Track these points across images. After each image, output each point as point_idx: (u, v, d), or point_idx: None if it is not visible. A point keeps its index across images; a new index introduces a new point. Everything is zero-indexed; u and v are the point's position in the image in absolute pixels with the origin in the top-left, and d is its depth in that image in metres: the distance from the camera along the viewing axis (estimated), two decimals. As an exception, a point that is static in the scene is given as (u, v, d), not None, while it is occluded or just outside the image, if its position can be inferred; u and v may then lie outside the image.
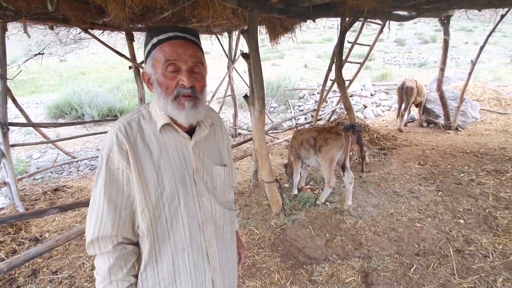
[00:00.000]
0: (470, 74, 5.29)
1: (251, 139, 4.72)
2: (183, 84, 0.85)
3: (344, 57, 4.84)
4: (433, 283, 2.05)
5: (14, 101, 4.20)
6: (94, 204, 0.87)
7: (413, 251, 2.40)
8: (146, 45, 0.90)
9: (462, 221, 2.75)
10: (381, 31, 5.00)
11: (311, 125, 6.16)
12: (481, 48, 5.00)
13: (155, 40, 0.86)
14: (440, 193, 3.32)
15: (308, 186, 3.77)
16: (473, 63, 5.15)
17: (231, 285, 1.08)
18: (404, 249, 2.43)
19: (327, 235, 2.70)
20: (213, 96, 6.72)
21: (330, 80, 5.29)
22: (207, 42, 6.11)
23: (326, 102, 8.17)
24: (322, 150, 3.10)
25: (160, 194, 0.88)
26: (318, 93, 9.16)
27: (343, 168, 3.20)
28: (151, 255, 0.91)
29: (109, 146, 0.86)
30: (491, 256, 2.26)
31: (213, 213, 0.99)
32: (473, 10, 4.10)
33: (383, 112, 8.01)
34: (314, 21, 3.31)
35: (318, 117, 6.22)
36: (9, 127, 3.60)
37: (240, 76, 6.77)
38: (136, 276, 0.93)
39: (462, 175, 3.68)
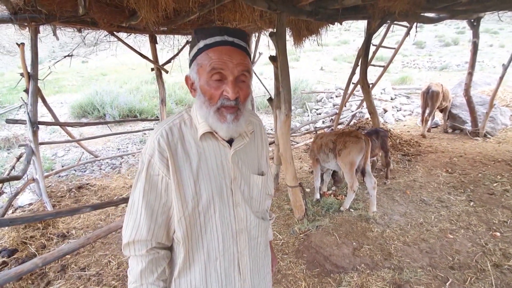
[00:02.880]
0: (501, 78, 5.06)
1: (272, 142, 4.69)
2: (227, 96, 0.82)
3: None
4: (472, 299, 1.95)
5: (44, 100, 4.35)
6: (133, 207, 0.87)
7: (447, 264, 2.29)
8: (192, 47, 0.86)
9: (498, 233, 2.61)
10: (407, 33, 4.86)
11: (332, 129, 6.07)
12: (514, 51, 4.78)
13: (201, 44, 0.82)
14: (471, 203, 3.17)
15: (331, 192, 3.70)
16: (505, 67, 4.93)
17: None
18: (437, 262, 2.32)
19: (354, 243, 2.63)
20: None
21: (353, 83, 5.19)
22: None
23: (345, 106, 8.04)
24: (341, 154, 3.06)
25: (197, 203, 0.87)
26: (336, 96, 9.03)
27: (363, 173, 3.14)
28: (185, 261, 0.91)
29: (150, 151, 0.85)
30: (533, 273, 2.13)
31: (248, 224, 0.97)
32: (504, 11, 3.93)
33: (404, 116, 7.81)
34: (341, 24, 3.25)
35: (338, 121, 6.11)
36: (38, 125, 3.72)
37: (258, 78, 6.76)
38: (165, 281, 0.94)
39: (495, 184, 3.51)
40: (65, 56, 4.20)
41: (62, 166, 5.12)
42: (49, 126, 6.92)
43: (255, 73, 6.65)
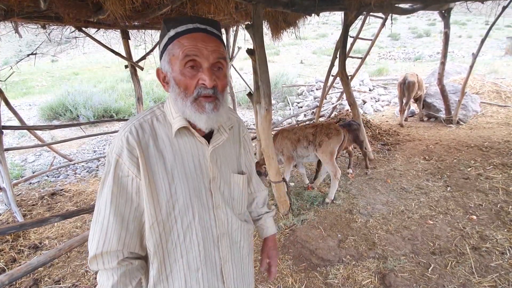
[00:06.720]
0: (471, 67, 5.25)
1: (254, 138, 4.63)
2: (204, 84, 0.76)
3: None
4: (453, 283, 2.00)
5: (7, 103, 4.05)
6: (99, 215, 0.78)
7: (428, 250, 2.34)
8: (161, 38, 0.81)
9: (474, 217, 2.71)
10: (383, 24, 4.92)
11: (313, 122, 6.08)
12: (483, 40, 4.97)
13: (172, 32, 0.77)
14: (448, 188, 3.28)
15: (313, 184, 3.70)
16: (474, 56, 5.11)
17: None
18: (419, 248, 2.37)
19: (339, 235, 2.63)
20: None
21: (332, 75, 5.21)
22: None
23: (326, 98, 8.10)
24: (322, 145, 3.13)
25: (172, 207, 0.80)
26: (317, 89, 9.08)
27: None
28: (160, 274, 0.84)
29: (118, 150, 0.77)
30: (508, 253, 2.22)
31: (229, 227, 0.92)
32: (473, 2, 4.06)
33: (382, 107, 7.98)
34: (318, 15, 3.21)
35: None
36: (3, 130, 3.46)
37: (238, 73, 6.66)
38: None
39: (469, 169, 3.65)
40: (28, 55, 3.90)
41: (33, 172, 4.81)
42: (17, 131, 6.49)
43: (235, 68, 6.55)
